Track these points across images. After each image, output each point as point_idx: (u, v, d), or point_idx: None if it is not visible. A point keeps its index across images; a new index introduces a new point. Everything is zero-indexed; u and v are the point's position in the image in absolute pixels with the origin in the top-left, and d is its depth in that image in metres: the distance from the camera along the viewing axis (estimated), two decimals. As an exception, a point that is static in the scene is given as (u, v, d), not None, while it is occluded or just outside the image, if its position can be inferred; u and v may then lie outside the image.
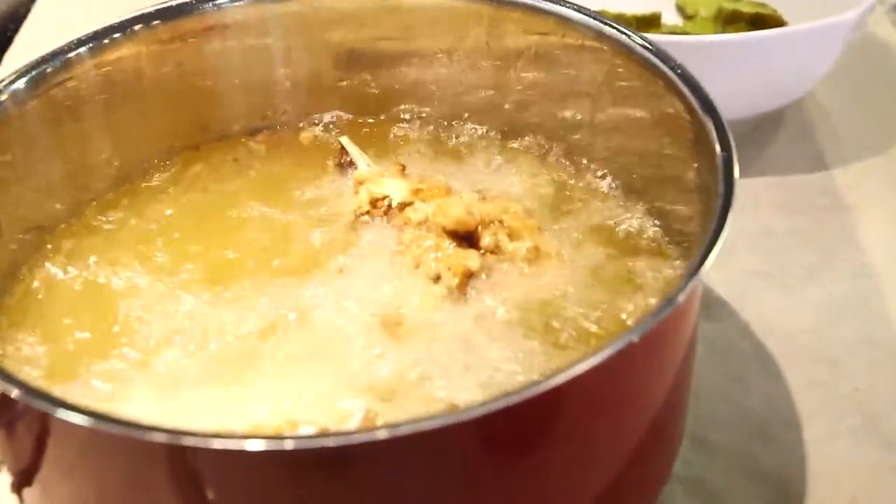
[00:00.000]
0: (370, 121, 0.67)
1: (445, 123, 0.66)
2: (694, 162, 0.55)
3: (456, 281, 0.55)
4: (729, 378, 0.63)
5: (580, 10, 0.60)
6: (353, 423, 0.46)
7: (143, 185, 0.63)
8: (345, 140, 0.63)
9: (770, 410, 0.61)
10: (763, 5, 0.85)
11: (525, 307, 0.55)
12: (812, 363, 0.64)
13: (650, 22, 0.86)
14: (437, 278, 0.55)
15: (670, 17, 0.88)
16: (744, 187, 0.47)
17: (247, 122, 0.66)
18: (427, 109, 0.66)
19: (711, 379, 0.61)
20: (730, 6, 0.85)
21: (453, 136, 0.66)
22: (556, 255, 0.57)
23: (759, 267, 0.68)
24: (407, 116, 0.66)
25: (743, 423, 0.61)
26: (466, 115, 0.66)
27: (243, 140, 0.66)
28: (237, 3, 0.62)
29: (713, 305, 0.66)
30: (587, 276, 0.56)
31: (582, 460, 0.48)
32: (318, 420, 0.48)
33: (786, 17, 0.83)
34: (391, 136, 0.66)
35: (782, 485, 0.58)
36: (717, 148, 0.52)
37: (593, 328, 0.54)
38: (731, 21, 0.84)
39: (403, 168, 0.62)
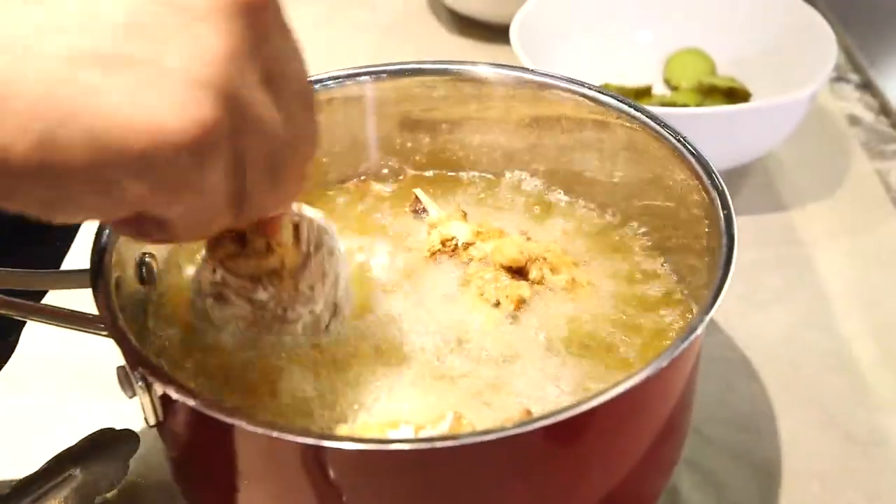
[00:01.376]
0: (438, 173, 0.66)
1: (496, 177, 0.66)
2: (699, 215, 0.55)
3: (512, 307, 0.55)
4: (719, 382, 0.63)
5: (602, 91, 0.61)
6: (445, 424, 0.46)
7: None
8: (418, 191, 0.63)
9: (752, 407, 0.62)
10: (733, 80, 0.85)
11: (565, 326, 0.55)
12: (783, 369, 0.64)
13: (643, 93, 0.86)
14: (497, 304, 0.56)
15: (659, 89, 0.88)
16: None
17: (340, 173, 0.66)
18: (484, 166, 0.66)
19: (705, 382, 0.61)
20: (707, 81, 0.85)
21: (503, 187, 0.65)
22: (587, 284, 0.58)
23: (737, 292, 0.68)
24: (468, 171, 0.66)
25: (731, 417, 0.61)
26: (514, 170, 0.65)
27: (338, 186, 0.65)
28: (340, 84, 0.62)
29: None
30: (613, 301, 0.57)
31: (622, 451, 0.48)
32: (415, 421, 0.48)
33: (752, 90, 0.83)
34: (455, 187, 0.66)
35: (764, 465, 0.59)
36: (720, 208, 0.52)
37: (618, 342, 0.54)
38: (708, 92, 0.84)
39: (465, 214, 0.62)
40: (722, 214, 0.52)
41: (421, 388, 0.51)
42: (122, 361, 0.49)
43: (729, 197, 0.52)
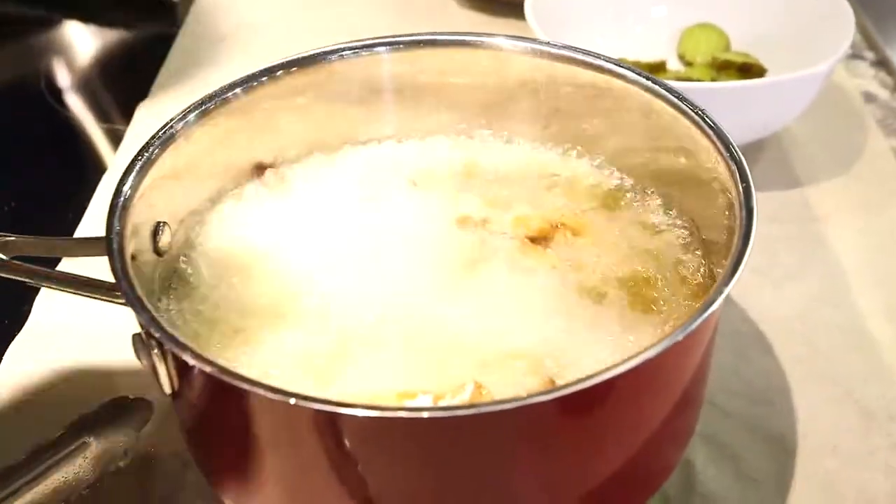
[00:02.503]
0: (447, 142, 0.66)
1: (507, 146, 0.65)
2: (717, 188, 0.54)
3: (547, 273, 0.55)
4: (733, 355, 0.63)
5: (620, 64, 0.60)
6: (465, 394, 0.46)
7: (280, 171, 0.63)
8: None
9: (767, 381, 0.62)
10: (747, 55, 0.84)
11: (602, 280, 0.55)
12: (798, 344, 0.64)
13: (658, 68, 0.85)
14: (529, 272, 0.55)
15: (673, 64, 0.87)
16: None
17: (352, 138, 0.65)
18: (495, 135, 0.65)
19: (720, 355, 0.61)
20: (721, 56, 0.84)
21: (513, 157, 0.64)
22: (609, 244, 0.57)
23: (752, 266, 0.67)
24: (479, 140, 0.65)
25: (746, 391, 0.61)
26: (524, 139, 0.65)
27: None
28: (356, 55, 0.62)
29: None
30: (635, 259, 0.56)
31: (638, 423, 0.48)
32: (434, 391, 0.48)
33: (767, 65, 0.83)
34: (463, 156, 0.64)
35: (778, 439, 0.58)
36: (739, 182, 0.52)
37: (640, 293, 0.55)
38: (723, 68, 0.83)
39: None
40: (741, 188, 0.52)
41: (442, 359, 0.50)
42: (136, 329, 0.49)
43: (748, 169, 0.52)
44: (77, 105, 0.95)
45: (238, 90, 0.58)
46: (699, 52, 0.86)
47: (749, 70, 0.82)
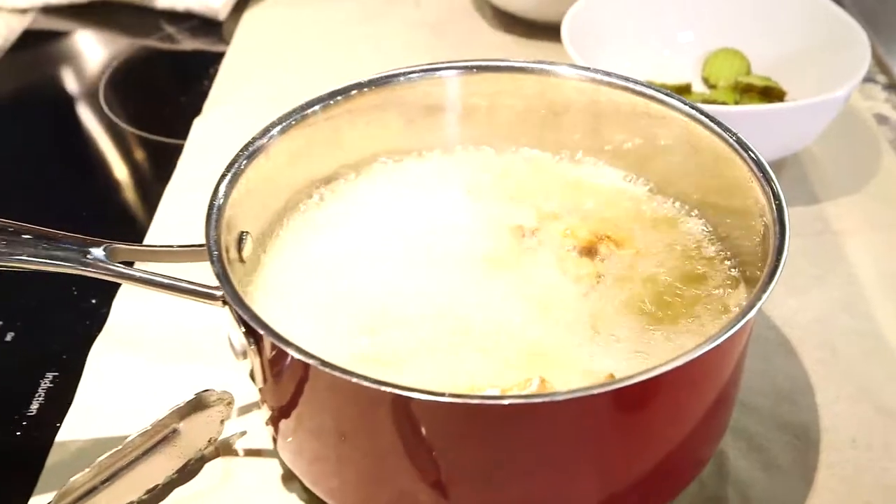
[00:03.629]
0: (496, 156, 0.72)
1: (556, 161, 0.71)
2: (751, 203, 0.60)
3: (593, 281, 0.62)
4: (759, 358, 0.69)
5: (657, 89, 0.66)
6: (532, 388, 0.52)
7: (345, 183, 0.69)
8: None
9: (790, 381, 0.67)
10: (768, 79, 0.90)
11: (637, 291, 0.61)
12: (818, 348, 0.70)
13: (683, 90, 0.90)
14: (577, 280, 0.62)
15: (698, 87, 0.93)
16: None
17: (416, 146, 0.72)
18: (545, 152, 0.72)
19: (747, 359, 0.66)
20: (744, 80, 0.90)
21: (567, 172, 0.70)
22: (649, 255, 0.63)
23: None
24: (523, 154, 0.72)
25: (772, 391, 0.67)
26: (570, 157, 0.71)
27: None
28: (422, 77, 0.68)
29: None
30: (673, 270, 0.63)
31: (684, 415, 0.54)
32: (500, 385, 0.54)
33: (786, 88, 0.89)
34: (511, 171, 0.71)
35: (803, 433, 0.64)
36: (772, 199, 0.58)
37: (678, 301, 0.61)
38: (745, 91, 0.89)
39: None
40: (774, 205, 0.58)
41: (509, 357, 0.56)
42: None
43: (780, 189, 0.58)
44: (129, 119, 1.00)
45: (316, 107, 0.65)
46: (722, 75, 0.92)
47: (770, 93, 0.88)
